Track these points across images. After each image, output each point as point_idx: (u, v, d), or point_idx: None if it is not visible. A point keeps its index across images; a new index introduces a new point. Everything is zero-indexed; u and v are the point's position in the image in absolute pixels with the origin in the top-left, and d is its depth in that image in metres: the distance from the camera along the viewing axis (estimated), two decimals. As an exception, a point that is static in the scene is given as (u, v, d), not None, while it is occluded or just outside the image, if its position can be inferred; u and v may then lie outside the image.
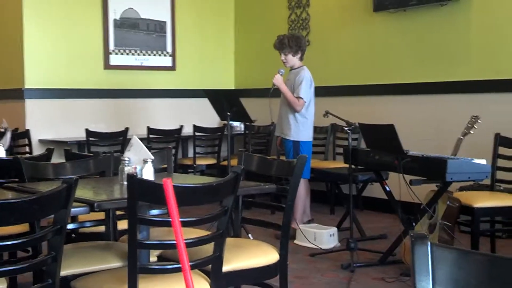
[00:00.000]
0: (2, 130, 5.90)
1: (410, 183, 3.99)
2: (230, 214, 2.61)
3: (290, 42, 5.46)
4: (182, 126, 7.15)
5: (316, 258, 4.80)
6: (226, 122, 5.47)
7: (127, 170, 2.91)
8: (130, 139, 3.16)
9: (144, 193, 2.36)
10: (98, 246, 3.00)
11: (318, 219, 5.87)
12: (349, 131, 4.77)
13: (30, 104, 7.09)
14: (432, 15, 6.17)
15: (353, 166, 4.70)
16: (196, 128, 7.18)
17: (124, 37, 7.63)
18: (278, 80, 5.42)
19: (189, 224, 2.58)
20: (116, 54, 7.58)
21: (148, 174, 2.92)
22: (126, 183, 2.42)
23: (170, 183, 1.10)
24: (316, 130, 6.39)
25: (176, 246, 1.15)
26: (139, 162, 2.98)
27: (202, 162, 7.33)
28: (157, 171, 3.29)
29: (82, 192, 2.74)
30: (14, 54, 7.18)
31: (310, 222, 5.58)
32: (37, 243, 2.93)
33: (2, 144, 4.24)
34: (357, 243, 4.54)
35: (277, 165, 3.34)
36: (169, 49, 7.96)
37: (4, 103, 7.37)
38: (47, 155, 3.74)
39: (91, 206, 2.52)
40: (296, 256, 4.77)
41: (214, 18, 8.32)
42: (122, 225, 3.28)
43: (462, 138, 4.38)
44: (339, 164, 6.12)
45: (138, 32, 7.74)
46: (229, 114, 5.32)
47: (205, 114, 7.55)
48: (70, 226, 3.30)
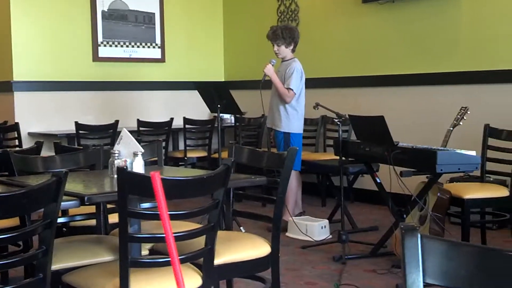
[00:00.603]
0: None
1: (401, 175, 4.00)
2: (221, 207, 2.61)
3: (284, 33, 5.46)
4: (172, 119, 7.14)
5: (307, 250, 4.81)
6: (216, 114, 5.46)
7: (117, 163, 2.90)
8: (120, 132, 3.15)
9: (134, 186, 2.35)
10: (89, 240, 2.99)
11: (310, 211, 5.88)
12: (339, 123, 4.78)
13: (19, 97, 7.05)
14: (421, 6, 6.18)
15: (343, 158, 4.71)
16: (186, 120, 7.16)
17: (112, 29, 7.59)
18: (270, 70, 5.42)
19: (180, 217, 2.57)
20: (104, 46, 7.54)
21: (138, 167, 2.90)
22: (116, 176, 2.41)
23: (158, 177, 1.10)
24: (306, 122, 6.40)
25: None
26: (129, 155, 2.97)
27: (193, 154, 7.31)
28: (147, 164, 3.28)
29: (72, 185, 2.73)
30: (2, 46, 7.14)
31: (301, 214, 5.60)
32: (27, 237, 2.92)
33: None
34: (348, 235, 4.55)
35: (267, 157, 3.34)
36: (158, 41, 7.93)
37: (-8, 96, 7.33)
38: (37, 148, 3.72)
39: (82, 200, 2.51)
40: (287, 248, 4.78)
41: (203, 9, 8.29)
42: (113, 218, 3.27)
43: (451, 129, 4.40)
44: (330, 156, 6.13)
45: (126, 23, 7.70)
46: (219, 106, 5.31)
47: (195, 107, 7.54)
48: (61, 220, 3.29)
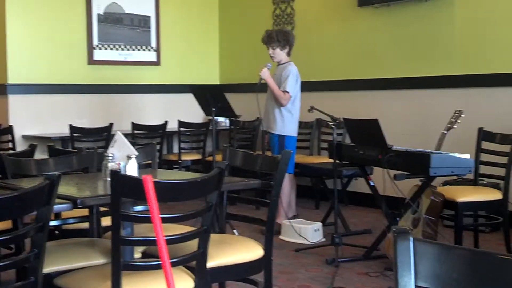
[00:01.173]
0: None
1: (394, 178, 4.00)
2: (214, 210, 2.61)
3: (279, 36, 5.48)
4: (167, 122, 7.13)
5: (300, 253, 4.81)
6: (211, 117, 5.45)
7: (111, 166, 2.89)
8: (114, 135, 3.14)
9: (127, 189, 2.35)
10: (81, 243, 2.99)
11: (303, 214, 5.88)
12: (333, 126, 4.78)
13: (13, 99, 7.04)
14: (416, 10, 6.20)
15: (337, 161, 4.71)
16: (181, 123, 7.16)
17: (108, 32, 7.58)
18: (265, 73, 5.43)
19: (173, 220, 2.57)
20: (100, 49, 7.54)
21: (132, 170, 2.90)
22: (109, 179, 2.41)
23: (150, 180, 1.10)
24: (301, 125, 6.40)
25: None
26: (123, 158, 2.96)
27: (187, 157, 7.31)
28: (141, 167, 3.28)
29: (65, 188, 2.72)
30: (-4, 49, 7.12)
31: (295, 217, 5.59)
32: (19, 240, 2.92)
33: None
34: (341, 238, 4.55)
35: (261, 160, 3.34)
36: (153, 44, 7.93)
37: (-14, 99, 7.31)
38: (30, 151, 3.72)
39: (74, 203, 2.50)
40: (281, 251, 4.78)
41: (199, 12, 8.30)
42: (106, 221, 3.26)
43: (445, 132, 4.41)
44: (324, 159, 6.14)
45: (122, 27, 7.69)
46: (214, 109, 5.31)
47: (190, 110, 7.53)
48: (53, 222, 3.28)
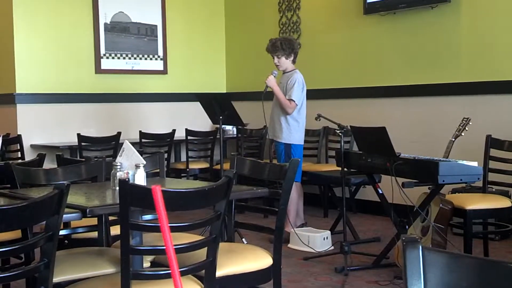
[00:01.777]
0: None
1: (403, 186, 3.99)
2: (223, 218, 2.61)
3: (283, 44, 5.48)
4: (174, 130, 7.15)
5: (309, 262, 4.80)
6: (218, 126, 5.46)
7: (119, 175, 2.90)
8: (122, 144, 3.15)
9: (136, 198, 2.36)
10: (91, 252, 2.99)
11: (312, 223, 5.87)
12: (341, 134, 4.79)
13: (22, 109, 7.07)
14: (422, 18, 6.20)
15: (345, 169, 4.71)
16: (188, 132, 7.17)
17: (115, 41, 7.62)
18: (271, 81, 5.44)
19: (181, 229, 2.57)
20: (107, 58, 7.57)
21: (140, 179, 2.91)
22: (118, 189, 2.41)
23: (159, 190, 1.11)
24: (308, 133, 6.41)
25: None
26: (131, 167, 2.97)
27: (195, 166, 7.32)
28: (149, 176, 3.29)
29: (74, 197, 2.73)
30: (5, 59, 7.16)
31: (303, 225, 5.59)
32: (29, 250, 2.92)
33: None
34: (350, 246, 4.54)
35: (269, 169, 3.35)
36: (160, 53, 7.96)
37: (-5, 109, 7.35)
38: (39, 161, 3.73)
39: (83, 212, 2.51)
40: (289, 260, 4.77)
41: (205, 21, 8.33)
42: (115, 230, 3.27)
43: (453, 140, 4.40)
44: (332, 167, 6.13)
45: (129, 36, 7.73)
46: (221, 118, 5.32)
47: (197, 118, 7.55)
48: (63, 232, 3.29)
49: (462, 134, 4.40)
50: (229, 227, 3.31)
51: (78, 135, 6.63)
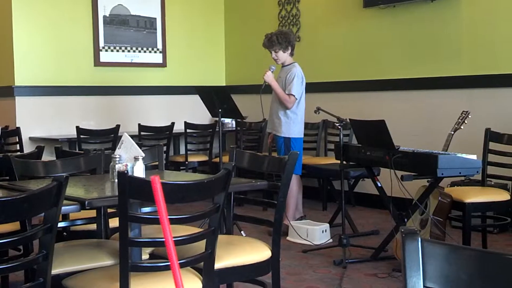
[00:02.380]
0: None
1: (401, 179, 4.00)
2: (222, 211, 2.61)
3: (279, 38, 5.46)
4: (173, 123, 7.14)
5: (308, 255, 4.80)
6: (217, 118, 5.46)
7: (118, 167, 2.90)
8: (121, 136, 3.15)
9: (135, 190, 2.35)
10: (89, 244, 2.99)
11: (311, 215, 5.88)
12: (340, 127, 4.78)
13: (21, 101, 7.06)
14: (422, 11, 6.18)
15: (344, 162, 4.71)
16: (187, 125, 7.17)
17: (114, 33, 7.60)
18: (269, 77, 5.43)
19: (180, 221, 2.57)
20: (106, 51, 7.55)
21: (139, 171, 2.91)
22: (117, 181, 2.41)
23: (158, 181, 1.10)
24: (307, 126, 6.41)
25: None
26: (130, 159, 2.97)
27: (194, 159, 7.32)
28: (148, 169, 3.29)
29: (73, 190, 2.73)
30: (3, 51, 7.15)
31: (302, 218, 5.59)
32: (28, 242, 2.93)
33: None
34: (349, 239, 4.55)
35: (268, 161, 3.34)
36: (159, 45, 7.94)
37: (-6, 101, 7.34)
38: (38, 153, 3.73)
39: (82, 204, 2.51)
40: (288, 252, 4.78)
41: (204, 14, 8.31)
42: (114, 223, 3.27)
43: (452, 133, 4.40)
44: (331, 160, 6.13)
45: (128, 28, 7.71)
46: (220, 110, 5.31)
47: (196, 111, 7.55)
48: (61, 224, 3.30)
49: (461, 127, 4.40)
50: (228, 220, 3.32)
51: (77, 128, 6.62)
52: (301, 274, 4.33)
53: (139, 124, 7.08)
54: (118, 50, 7.64)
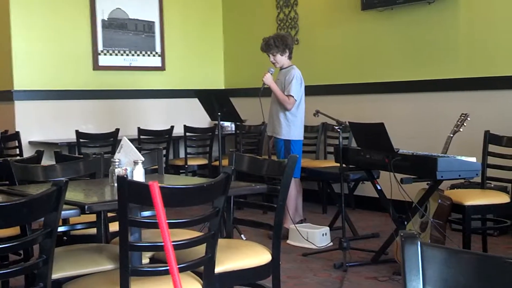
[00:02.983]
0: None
1: (401, 182, 4.00)
2: (222, 214, 2.61)
3: (276, 42, 5.47)
4: (172, 127, 7.14)
5: (308, 258, 4.80)
6: (216, 122, 5.46)
7: (118, 171, 2.90)
8: (120, 140, 3.15)
9: (134, 194, 2.35)
10: (89, 249, 2.99)
11: (310, 219, 5.88)
12: (339, 130, 4.78)
13: (20, 106, 7.07)
14: (419, 13, 6.19)
15: (344, 165, 4.71)
16: (187, 128, 7.17)
17: (112, 37, 7.61)
18: (268, 79, 5.43)
19: (180, 225, 2.57)
20: (104, 54, 7.56)
21: (138, 175, 2.91)
22: (116, 185, 2.41)
23: (157, 186, 1.10)
24: (307, 129, 6.41)
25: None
26: (130, 163, 2.97)
27: (194, 162, 7.32)
28: (148, 172, 3.29)
29: (73, 194, 2.73)
30: (2, 56, 7.15)
31: (302, 221, 5.59)
32: (28, 246, 2.93)
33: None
34: (349, 242, 4.55)
35: (268, 165, 3.34)
36: (158, 49, 7.95)
37: (-7, 106, 7.34)
38: (37, 157, 3.73)
39: (82, 209, 2.51)
40: (288, 256, 4.78)
41: (203, 17, 8.32)
42: (114, 227, 3.27)
43: (452, 136, 4.40)
44: (330, 163, 6.12)
45: (126, 32, 7.72)
46: (219, 114, 5.32)
47: (195, 114, 7.55)
48: (61, 228, 3.29)
49: (461, 130, 4.40)
50: (227, 223, 3.32)
51: (76, 132, 6.62)
52: (301, 278, 4.32)
53: (139, 127, 7.08)
54: (117, 54, 7.64)
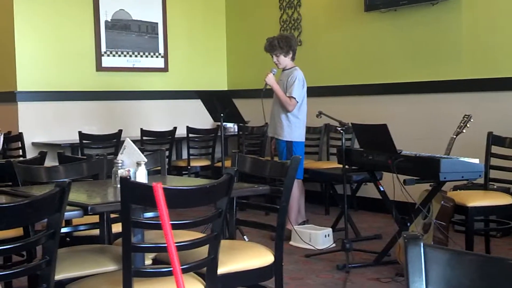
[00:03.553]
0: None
1: (404, 183, 3.99)
2: (224, 216, 2.61)
3: (280, 43, 5.46)
4: (175, 128, 7.15)
5: (311, 259, 4.80)
6: (219, 123, 5.46)
7: (121, 173, 2.91)
8: (123, 141, 3.15)
9: (137, 196, 2.36)
10: (92, 250, 3.00)
11: (313, 220, 5.87)
12: (342, 131, 4.78)
13: (23, 107, 7.08)
14: (423, 15, 6.19)
15: (347, 166, 4.71)
16: (189, 129, 7.17)
17: (115, 38, 7.62)
18: (271, 79, 5.43)
19: (183, 226, 2.57)
20: (108, 56, 7.57)
21: (141, 176, 2.91)
22: (119, 186, 2.42)
23: (160, 188, 1.11)
24: (309, 130, 6.41)
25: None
26: (133, 164, 2.97)
27: (196, 163, 7.32)
28: (151, 173, 3.29)
29: (76, 195, 2.73)
30: (5, 57, 7.17)
31: (305, 223, 5.59)
32: (31, 247, 2.93)
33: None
34: (352, 244, 4.55)
35: (270, 166, 3.35)
36: (161, 50, 7.96)
37: (-4, 107, 7.36)
38: (40, 159, 3.73)
39: (85, 210, 2.51)
40: (291, 257, 4.78)
41: (206, 19, 8.32)
42: (117, 228, 3.27)
43: (454, 137, 4.40)
44: (333, 164, 6.12)
45: (129, 33, 7.73)
46: (222, 115, 5.32)
47: (198, 116, 7.55)
48: (64, 229, 3.30)
49: (464, 131, 4.40)
50: (230, 225, 3.32)
51: (79, 133, 6.63)
52: (304, 279, 4.32)
53: (141, 129, 7.09)
54: (120, 55, 7.65)
